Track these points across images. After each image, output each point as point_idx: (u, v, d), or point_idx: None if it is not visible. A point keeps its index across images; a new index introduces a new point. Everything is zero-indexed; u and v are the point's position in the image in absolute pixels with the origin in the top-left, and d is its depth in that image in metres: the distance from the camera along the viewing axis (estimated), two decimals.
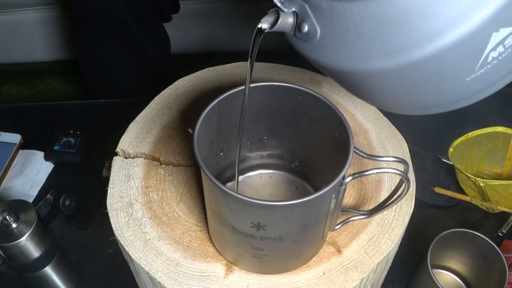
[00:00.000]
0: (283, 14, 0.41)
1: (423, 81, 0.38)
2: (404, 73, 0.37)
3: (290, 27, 0.42)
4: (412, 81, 0.38)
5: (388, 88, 0.41)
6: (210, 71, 0.70)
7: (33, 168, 0.88)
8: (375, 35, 0.36)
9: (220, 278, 0.50)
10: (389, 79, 0.39)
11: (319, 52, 0.41)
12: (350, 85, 0.44)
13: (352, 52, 0.38)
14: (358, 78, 0.40)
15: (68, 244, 0.79)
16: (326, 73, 0.44)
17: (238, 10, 1.35)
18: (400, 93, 0.41)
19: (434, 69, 0.36)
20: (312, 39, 0.40)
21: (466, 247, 0.68)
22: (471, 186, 0.79)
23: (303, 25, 0.40)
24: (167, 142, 0.61)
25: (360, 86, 0.43)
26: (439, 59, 0.35)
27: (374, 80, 0.40)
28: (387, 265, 0.57)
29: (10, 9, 1.33)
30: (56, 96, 1.48)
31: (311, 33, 0.40)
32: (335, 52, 0.39)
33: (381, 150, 0.60)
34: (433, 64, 0.36)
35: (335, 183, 0.41)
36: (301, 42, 0.42)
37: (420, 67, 0.36)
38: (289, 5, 0.41)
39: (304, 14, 0.40)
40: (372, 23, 0.35)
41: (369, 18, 0.35)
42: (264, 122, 0.53)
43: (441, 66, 0.36)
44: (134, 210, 0.54)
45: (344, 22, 0.37)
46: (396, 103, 0.45)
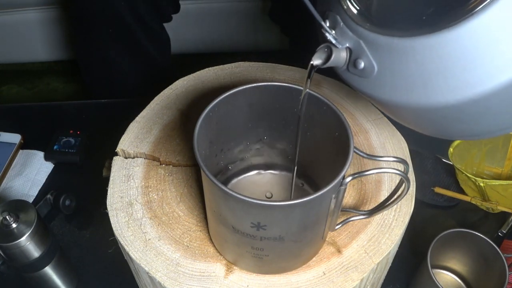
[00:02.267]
0: (336, 50, 0.40)
1: (482, 114, 0.38)
2: (465, 108, 0.37)
3: (343, 63, 0.41)
4: (471, 115, 0.38)
5: (446, 121, 0.41)
6: (210, 71, 0.70)
7: (33, 168, 0.89)
8: (437, 72, 0.36)
9: (220, 278, 0.50)
10: (448, 113, 0.39)
11: (376, 87, 0.40)
12: (405, 117, 0.44)
13: (413, 88, 0.37)
14: (416, 112, 0.40)
15: (68, 244, 0.79)
16: (380, 107, 0.44)
17: (238, 10, 1.35)
18: (457, 124, 0.41)
19: (494, 103, 0.36)
20: (369, 75, 0.39)
21: (466, 247, 0.68)
22: (471, 186, 0.79)
23: (359, 61, 0.39)
24: (167, 142, 0.61)
25: (416, 119, 0.43)
26: (500, 94, 0.35)
27: (432, 114, 0.40)
28: (387, 265, 0.57)
29: (10, 9, 1.33)
30: (56, 96, 1.48)
31: (367, 69, 0.39)
32: (394, 87, 0.39)
33: (381, 150, 0.60)
34: (494, 100, 0.36)
35: (335, 183, 0.41)
36: (355, 77, 0.41)
37: (481, 102, 0.36)
38: (342, 41, 0.40)
39: (359, 50, 0.39)
40: (434, 60, 0.35)
41: (431, 56, 0.35)
42: (264, 122, 0.53)
43: (501, 101, 0.36)
44: (134, 210, 0.54)
45: (404, 60, 0.37)
46: (451, 132, 0.45)
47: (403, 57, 0.37)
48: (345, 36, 0.40)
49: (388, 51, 0.37)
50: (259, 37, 1.41)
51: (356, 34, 0.39)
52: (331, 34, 0.40)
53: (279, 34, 1.31)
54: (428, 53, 0.35)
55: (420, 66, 0.36)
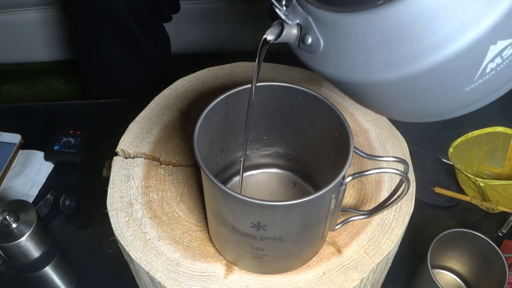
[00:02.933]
0: (288, 26, 0.42)
1: (423, 92, 0.39)
2: (405, 84, 0.38)
3: (294, 39, 0.43)
4: (412, 92, 0.39)
5: (389, 98, 0.42)
6: (210, 71, 0.70)
7: (33, 168, 0.88)
8: (376, 48, 0.37)
9: (220, 278, 0.50)
10: (390, 90, 0.40)
11: (322, 63, 0.42)
12: (353, 94, 0.45)
13: (355, 64, 0.39)
14: (360, 88, 0.42)
15: (68, 244, 0.79)
16: (330, 82, 0.45)
17: (238, 10, 1.35)
18: (401, 103, 0.43)
19: (434, 80, 0.37)
20: (316, 50, 0.41)
21: (466, 247, 0.68)
22: (471, 186, 0.79)
23: (307, 37, 0.41)
24: (167, 142, 0.61)
25: (362, 96, 0.44)
26: (438, 71, 0.36)
27: (375, 91, 0.41)
28: (387, 265, 0.57)
29: (10, 9, 1.33)
30: (56, 96, 1.48)
31: (314, 45, 0.41)
32: (338, 63, 0.40)
33: (381, 150, 0.60)
34: (433, 76, 0.37)
35: (335, 183, 0.41)
36: (305, 53, 0.43)
37: (420, 78, 0.37)
38: (293, 17, 0.42)
39: (308, 26, 0.41)
40: (374, 36, 0.36)
41: (371, 32, 0.36)
42: (264, 122, 0.53)
43: (440, 78, 0.37)
44: (134, 210, 0.54)
45: (346, 35, 0.38)
46: (397, 111, 0.46)
47: (345, 33, 0.38)
48: (296, 13, 0.41)
49: (332, 27, 0.39)
50: (259, 37, 1.41)
51: (306, 11, 0.41)
52: (281, 11, 0.42)
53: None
54: (368, 29, 0.36)
55: (361, 42, 0.37)
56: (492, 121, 0.80)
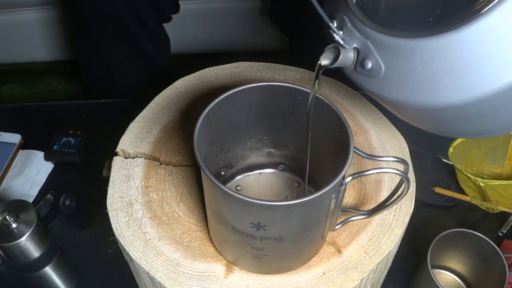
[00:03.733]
0: (344, 50, 0.41)
1: (487, 114, 0.39)
2: (471, 107, 0.37)
3: (350, 63, 0.42)
4: (477, 114, 0.39)
5: (452, 120, 0.41)
6: (210, 71, 0.70)
7: (33, 168, 0.88)
8: (444, 73, 0.36)
9: (220, 278, 0.50)
10: (454, 113, 0.39)
11: (383, 87, 0.40)
12: (412, 117, 0.44)
13: (419, 88, 0.38)
14: (423, 112, 0.41)
15: (68, 244, 0.79)
16: (387, 106, 0.44)
17: (238, 10, 1.35)
18: (462, 123, 0.42)
19: (499, 103, 0.37)
20: (376, 75, 0.40)
21: (466, 247, 0.68)
22: (471, 186, 0.79)
23: (366, 61, 0.40)
24: (167, 142, 0.61)
25: (423, 118, 0.43)
26: (505, 94, 0.35)
27: (439, 114, 0.40)
28: (387, 265, 0.57)
29: (10, 9, 1.33)
30: (56, 96, 1.48)
31: (375, 69, 0.40)
32: (401, 88, 0.39)
33: (381, 150, 0.60)
34: (499, 99, 0.36)
35: (335, 183, 0.41)
36: (363, 77, 0.42)
37: (487, 102, 0.36)
38: (350, 41, 0.41)
39: (367, 50, 0.39)
40: (441, 61, 0.36)
41: (438, 57, 0.36)
42: (264, 122, 0.53)
43: (506, 100, 0.37)
44: (134, 210, 0.54)
45: (411, 60, 0.37)
46: (456, 130, 0.46)
47: (409, 58, 0.37)
48: (353, 36, 0.40)
49: (395, 51, 0.38)
50: (259, 37, 1.41)
51: (363, 35, 0.39)
52: (338, 35, 0.41)
53: (279, 34, 1.31)
54: (435, 54, 0.36)
55: (426, 67, 0.36)
56: None
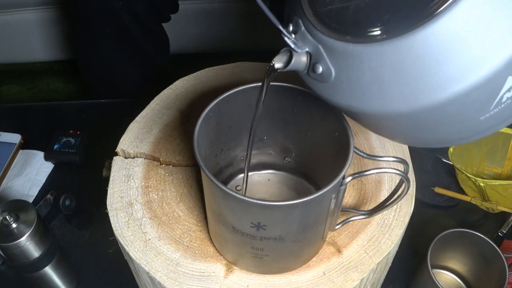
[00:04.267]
0: (296, 54, 0.41)
1: (438, 123, 0.39)
2: (420, 116, 0.37)
3: (303, 67, 0.41)
4: (426, 123, 0.39)
5: (402, 128, 0.41)
6: (210, 71, 0.70)
7: (33, 168, 0.89)
8: (390, 80, 0.36)
9: (220, 278, 0.50)
10: (404, 121, 0.39)
11: (333, 92, 0.40)
12: (364, 123, 0.44)
13: (368, 95, 0.38)
14: (373, 118, 0.41)
15: (68, 244, 0.79)
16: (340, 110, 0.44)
17: (238, 10, 1.35)
18: (414, 132, 0.42)
19: (450, 111, 0.36)
20: (327, 80, 0.40)
21: (466, 247, 0.68)
22: (471, 186, 0.79)
23: (317, 66, 0.40)
24: (167, 142, 0.61)
25: (373, 124, 0.43)
26: (455, 103, 0.35)
27: (389, 121, 0.40)
28: (387, 265, 0.57)
29: (10, 9, 1.33)
30: (56, 96, 1.48)
31: (325, 74, 0.39)
32: (350, 93, 0.39)
33: (381, 150, 0.60)
34: (449, 108, 0.36)
35: (335, 183, 0.41)
36: (314, 81, 0.41)
37: (435, 111, 0.36)
38: (303, 45, 0.40)
39: (318, 55, 0.39)
40: (388, 68, 0.35)
41: (385, 63, 0.35)
42: (264, 122, 0.53)
43: (456, 109, 0.36)
44: (134, 210, 0.54)
45: (359, 66, 0.37)
46: (409, 139, 0.46)
47: (358, 64, 0.37)
48: (305, 40, 0.40)
49: (344, 57, 0.38)
50: (259, 37, 1.41)
51: (316, 39, 0.39)
52: (290, 39, 0.41)
53: (279, 34, 1.31)
54: (381, 61, 0.35)
55: (375, 73, 0.36)
56: None
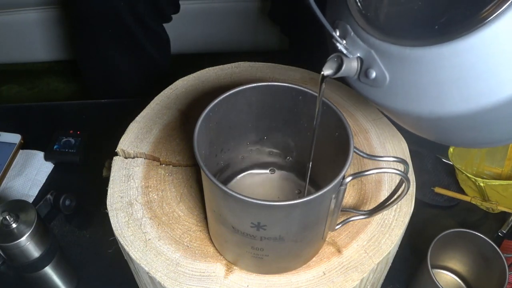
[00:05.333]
0: (347, 59, 0.40)
1: (495, 123, 0.38)
2: (478, 117, 0.37)
3: (354, 72, 0.41)
4: (483, 124, 0.38)
5: (458, 129, 0.41)
6: (210, 71, 0.70)
7: (33, 168, 0.89)
8: (450, 82, 0.35)
9: (220, 278, 0.50)
10: (461, 122, 0.38)
11: (388, 97, 0.40)
12: (418, 126, 0.44)
13: (425, 98, 0.37)
14: (429, 121, 0.40)
15: (68, 244, 0.79)
16: (392, 116, 0.44)
17: (238, 10, 1.35)
18: (469, 133, 0.41)
19: (507, 113, 0.36)
20: (381, 84, 0.39)
21: (466, 247, 0.68)
22: (471, 186, 0.79)
23: (370, 71, 0.39)
24: (167, 142, 0.61)
25: (429, 128, 0.43)
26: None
27: (445, 123, 0.39)
28: (387, 265, 0.57)
29: (10, 9, 1.33)
30: (56, 96, 1.48)
31: (379, 79, 0.39)
32: (406, 97, 0.38)
33: (381, 150, 0.60)
34: (506, 109, 0.36)
35: (335, 183, 0.41)
36: (366, 86, 0.41)
37: (494, 111, 0.36)
38: (354, 50, 0.40)
39: (371, 59, 0.39)
40: (448, 70, 0.35)
41: (444, 66, 0.35)
42: (264, 122, 0.53)
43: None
44: (134, 210, 0.54)
45: (417, 69, 0.36)
46: (463, 140, 0.45)
47: (415, 67, 0.36)
48: (356, 45, 0.39)
49: (400, 60, 0.37)
50: (259, 37, 1.41)
51: (367, 44, 0.39)
52: (342, 44, 0.40)
53: (279, 34, 1.31)
54: (441, 63, 0.35)
55: (432, 76, 0.36)
56: None
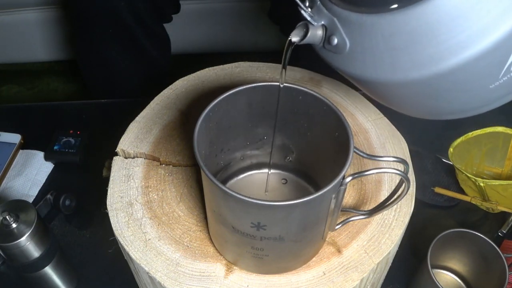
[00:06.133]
0: (312, 27, 0.42)
1: (449, 90, 0.40)
2: (431, 83, 0.38)
3: (319, 40, 0.43)
4: (438, 90, 0.40)
5: (415, 97, 0.42)
6: (210, 71, 0.70)
7: (33, 168, 0.88)
8: (403, 48, 0.37)
9: (220, 278, 0.50)
10: (416, 89, 0.40)
11: (348, 63, 0.42)
12: (377, 93, 0.46)
13: (381, 64, 0.39)
14: (386, 88, 0.42)
15: (68, 244, 0.79)
16: (354, 83, 0.46)
17: (238, 10, 1.35)
18: (426, 101, 0.43)
19: (459, 78, 0.38)
20: (342, 51, 0.41)
21: (466, 247, 0.68)
22: (471, 186, 0.79)
23: (333, 38, 0.41)
24: (167, 142, 0.61)
25: (388, 95, 0.45)
26: (464, 69, 0.36)
27: (401, 90, 0.41)
28: (387, 265, 0.57)
29: (10, 9, 1.33)
30: (56, 96, 1.48)
31: (340, 45, 0.41)
32: (364, 63, 0.40)
33: (381, 150, 0.60)
34: (459, 74, 0.37)
35: (335, 183, 0.41)
36: (330, 53, 0.43)
37: (446, 77, 0.37)
38: (318, 19, 0.42)
39: (333, 27, 0.41)
40: (401, 36, 0.37)
41: (397, 32, 0.37)
42: (264, 122, 0.53)
43: (466, 76, 0.37)
44: (134, 210, 0.54)
45: (373, 35, 0.38)
46: (422, 109, 0.47)
47: (372, 34, 0.38)
48: (321, 14, 0.42)
49: (358, 27, 0.39)
50: (259, 37, 1.41)
51: (331, 12, 0.41)
52: (306, 12, 0.42)
53: (279, 34, 1.31)
54: (395, 29, 0.37)
55: (387, 42, 0.38)
56: (492, 121, 0.80)
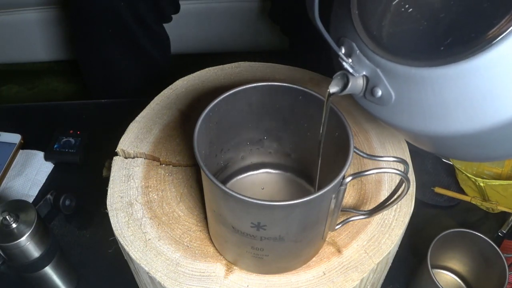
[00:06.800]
0: (353, 78, 0.40)
1: (500, 141, 0.39)
2: (483, 136, 0.37)
3: (359, 90, 0.41)
4: (489, 142, 0.39)
5: (462, 147, 0.41)
6: (210, 71, 0.70)
7: (33, 168, 0.89)
8: (455, 102, 0.36)
9: (220, 278, 0.50)
10: (466, 141, 0.39)
11: (394, 115, 0.40)
12: (423, 143, 0.44)
13: (431, 117, 0.38)
14: (433, 139, 0.40)
15: (68, 244, 0.79)
16: (398, 132, 0.44)
17: (238, 10, 1.35)
18: (473, 150, 0.42)
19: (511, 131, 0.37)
20: (387, 103, 0.39)
21: (466, 247, 0.69)
22: (471, 186, 0.79)
23: (376, 89, 0.39)
24: (167, 142, 0.61)
25: (433, 144, 0.43)
26: None
27: (451, 141, 0.40)
28: (387, 265, 0.57)
29: (10, 9, 1.33)
30: (56, 96, 1.48)
31: (385, 97, 0.39)
32: (411, 116, 0.39)
33: (381, 150, 0.60)
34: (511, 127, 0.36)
35: (335, 183, 0.41)
36: (372, 104, 0.41)
37: (499, 130, 0.36)
38: (359, 69, 0.40)
39: (377, 78, 0.39)
40: (453, 91, 0.35)
41: (450, 86, 0.35)
42: (264, 122, 0.53)
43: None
44: (134, 210, 0.54)
45: (422, 89, 0.37)
46: (466, 156, 0.46)
47: (421, 87, 0.37)
48: (362, 64, 0.40)
49: (405, 80, 0.37)
50: (259, 37, 1.41)
51: (373, 63, 0.39)
52: (347, 63, 0.40)
53: (279, 34, 1.31)
54: (446, 84, 0.35)
55: (438, 96, 0.36)
56: None
